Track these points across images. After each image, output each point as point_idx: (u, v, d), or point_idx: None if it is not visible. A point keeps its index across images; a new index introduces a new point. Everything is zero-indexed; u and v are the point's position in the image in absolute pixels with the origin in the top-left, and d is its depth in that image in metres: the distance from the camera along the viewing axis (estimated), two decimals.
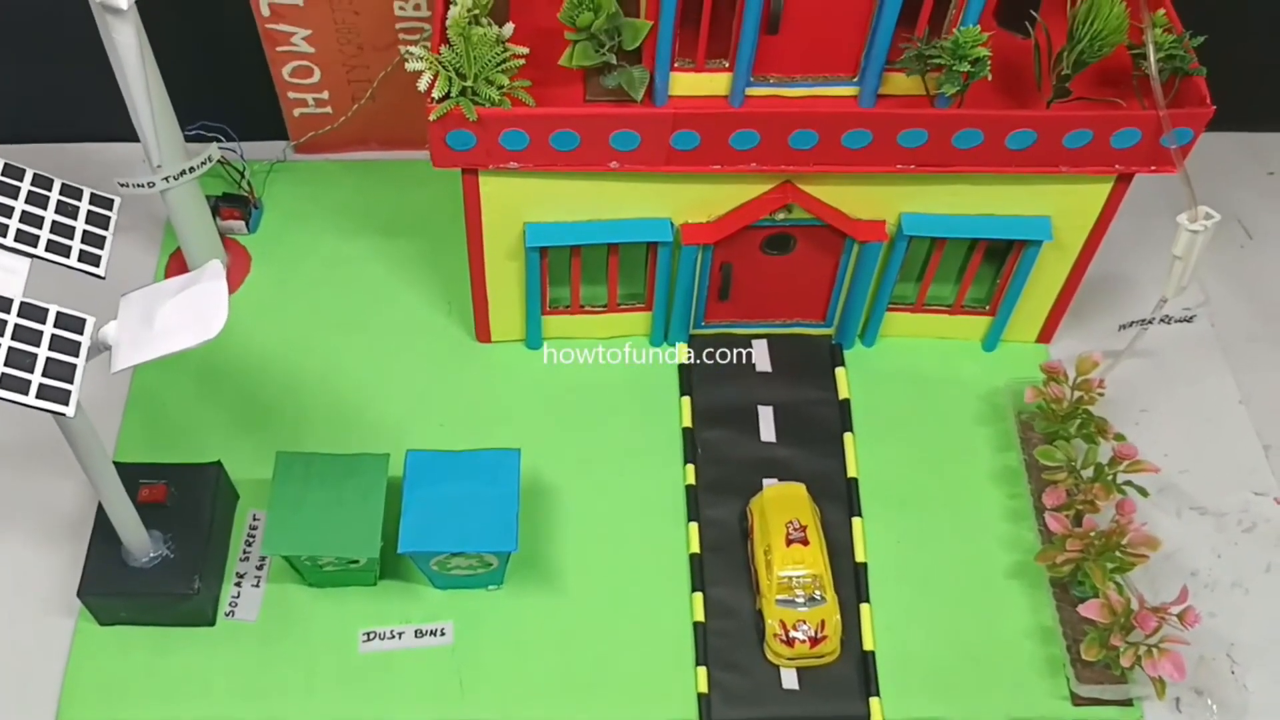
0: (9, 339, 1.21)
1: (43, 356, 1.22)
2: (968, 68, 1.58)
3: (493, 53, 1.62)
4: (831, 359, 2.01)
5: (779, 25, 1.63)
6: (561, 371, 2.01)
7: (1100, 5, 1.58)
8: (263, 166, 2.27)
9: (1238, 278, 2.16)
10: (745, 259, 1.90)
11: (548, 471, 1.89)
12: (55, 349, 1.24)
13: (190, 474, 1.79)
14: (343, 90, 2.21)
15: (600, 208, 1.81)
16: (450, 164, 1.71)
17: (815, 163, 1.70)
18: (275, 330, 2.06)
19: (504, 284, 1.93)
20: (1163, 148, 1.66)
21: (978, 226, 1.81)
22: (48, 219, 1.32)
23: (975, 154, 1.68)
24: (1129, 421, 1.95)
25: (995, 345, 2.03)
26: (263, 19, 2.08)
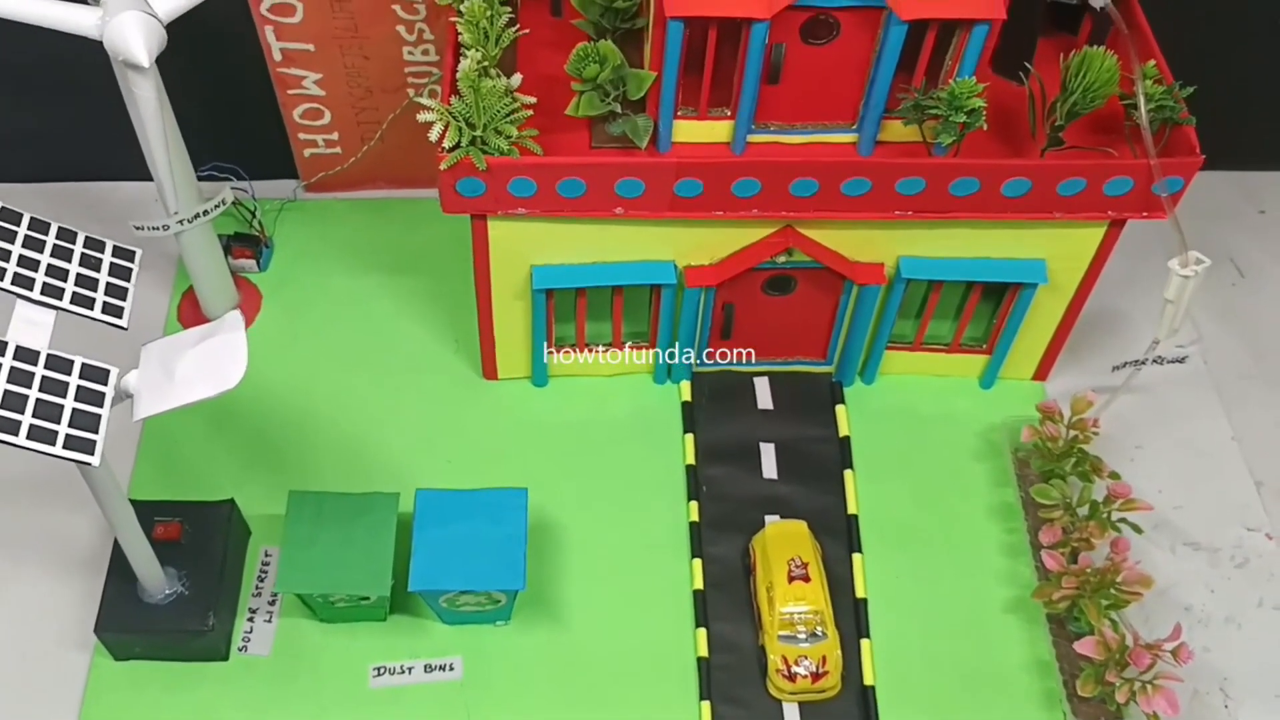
0: (37, 390, 1.25)
1: (69, 407, 1.26)
2: (964, 118, 1.63)
3: (501, 103, 1.67)
4: (832, 396, 2.05)
5: (779, 76, 1.68)
6: (567, 409, 2.05)
7: (1091, 58, 1.63)
8: (274, 205, 2.31)
9: (1230, 316, 2.20)
10: (747, 299, 1.94)
11: (553, 508, 1.93)
12: (81, 400, 1.28)
13: (204, 511, 1.83)
14: (352, 131, 2.26)
15: (605, 250, 1.85)
16: (460, 210, 1.75)
17: (815, 209, 1.75)
18: (286, 367, 2.10)
19: (510, 323, 1.97)
20: (1154, 195, 1.70)
21: (974, 270, 1.86)
22: (72, 272, 1.36)
23: (972, 201, 1.72)
24: (1124, 458, 1.99)
25: (992, 383, 2.07)
26: (274, 63, 2.12)
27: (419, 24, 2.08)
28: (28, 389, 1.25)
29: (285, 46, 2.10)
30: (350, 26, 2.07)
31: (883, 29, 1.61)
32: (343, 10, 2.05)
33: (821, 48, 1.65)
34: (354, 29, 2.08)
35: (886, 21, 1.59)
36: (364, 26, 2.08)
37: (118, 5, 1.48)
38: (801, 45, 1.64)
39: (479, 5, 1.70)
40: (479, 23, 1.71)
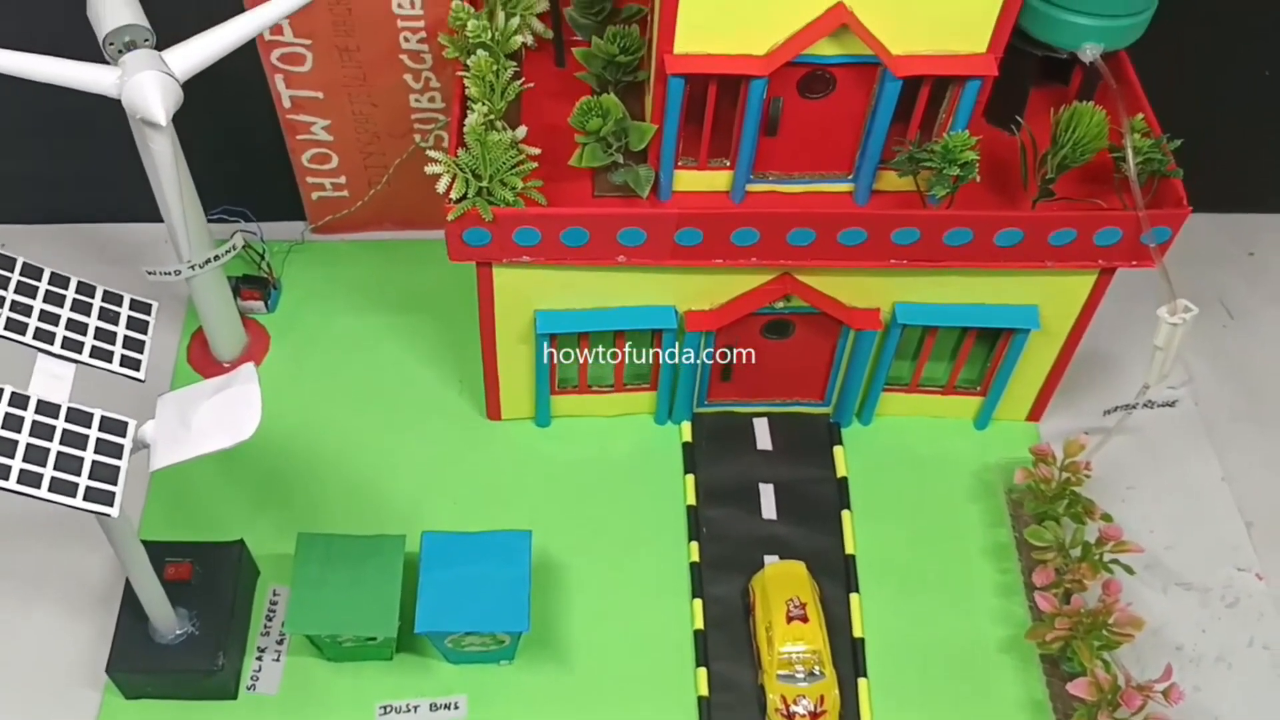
0: (58, 444, 1.29)
1: (89, 460, 1.30)
2: (957, 171, 1.67)
3: (507, 156, 1.71)
4: (830, 438, 2.09)
5: (777, 128, 1.72)
6: (570, 449, 2.09)
7: (1081, 113, 1.67)
8: (282, 247, 2.36)
9: (1220, 357, 2.25)
10: (747, 343, 1.98)
11: (557, 548, 1.96)
12: (100, 452, 1.31)
13: (214, 552, 1.86)
14: (359, 175, 2.30)
15: (607, 296, 1.89)
16: (466, 258, 1.79)
17: (813, 258, 1.79)
18: (293, 408, 2.14)
19: (514, 366, 2.01)
20: (1143, 244, 1.74)
21: (968, 315, 1.90)
22: (91, 325, 1.40)
23: (965, 251, 1.77)
24: (1116, 499, 2.03)
25: (987, 424, 2.11)
26: (284, 110, 2.17)
27: (425, 73, 2.13)
28: (49, 442, 1.29)
29: (295, 94, 2.15)
30: (358, 75, 2.12)
31: (878, 84, 1.66)
32: (351, 60, 2.10)
33: (818, 101, 1.69)
34: (362, 78, 2.13)
35: (881, 77, 1.64)
36: (372, 75, 2.12)
37: (135, 65, 1.52)
38: (799, 99, 1.69)
39: (485, 60, 1.75)
40: (485, 77, 1.75)
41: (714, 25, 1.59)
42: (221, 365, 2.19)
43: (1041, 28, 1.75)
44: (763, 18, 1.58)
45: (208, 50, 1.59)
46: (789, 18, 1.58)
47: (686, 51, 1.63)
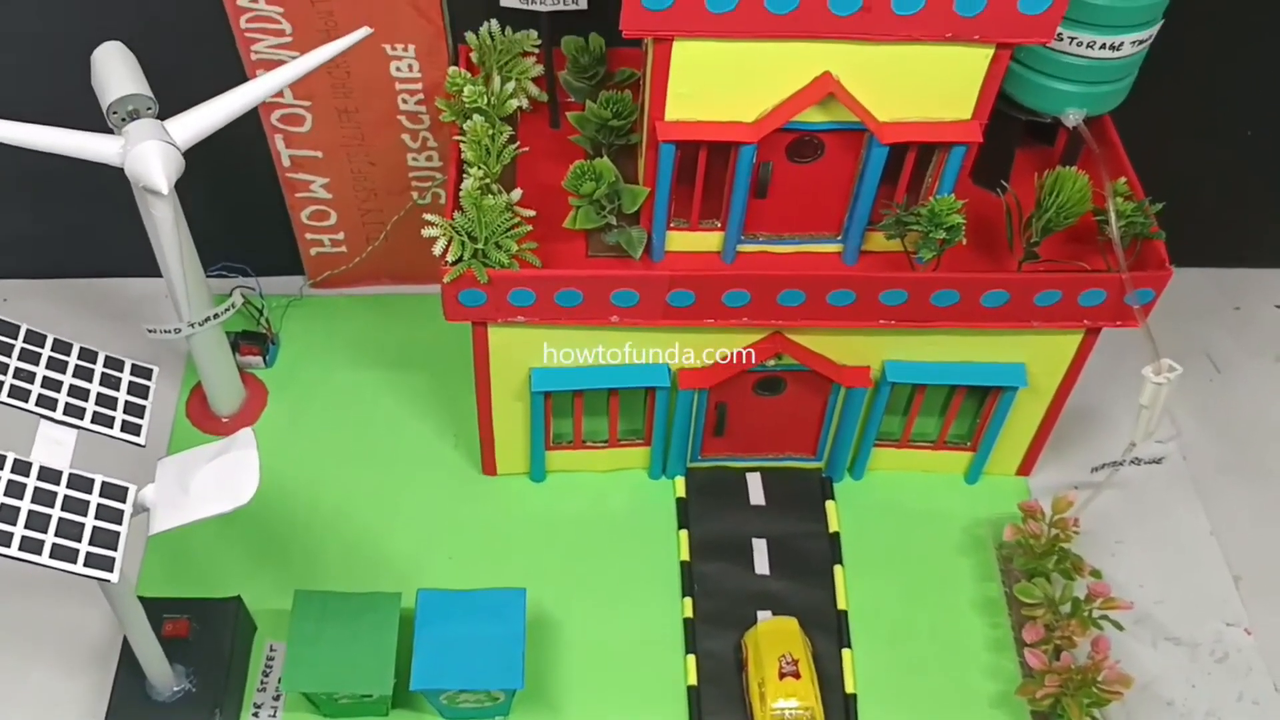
0: (59, 510, 1.31)
1: (89, 525, 1.32)
2: (943, 235, 1.70)
3: (502, 219, 1.74)
4: (822, 492, 2.11)
5: (767, 191, 1.76)
6: (564, 504, 2.11)
7: (1064, 179, 1.71)
8: (280, 302, 2.39)
9: (1207, 411, 2.27)
10: (739, 399, 2.01)
11: (551, 603, 1.98)
12: (101, 517, 1.34)
13: (211, 609, 1.88)
14: (358, 231, 2.34)
15: (601, 354, 1.92)
16: (462, 318, 1.82)
17: (803, 318, 1.82)
18: (291, 463, 2.16)
19: (509, 422, 2.03)
20: (1127, 305, 1.77)
21: (957, 373, 1.93)
22: (93, 391, 1.43)
23: (952, 311, 1.80)
24: (1105, 553, 2.05)
25: (977, 478, 2.13)
26: (283, 169, 2.21)
27: (423, 133, 2.17)
28: (50, 508, 1.31)
29: (294, 154, 2.18)
30: (357, 135, 2.16)
31: (865, 150, 1.69)
32: (350, 121, 2.13)
33: (807, 165, 1.73)
34: (360, 138, 2.16)
35: (868, 143, 1.68)
36: (370, 135, 2.16)
37: (138, 135, 1.56)
38: (788, 163, 1.73)
39: (481, 125, 1.79)
40: (481, 141, 1.79)
41: (703, 94, 1.63)
42: (220, 420, 2.22)
43: (1026, 93, 1.79)
44: (751, 86, 1.62)
45: (209, 120, 1.62)
46: (777, 86, 1.62)
47: (677, 119, 1.66)
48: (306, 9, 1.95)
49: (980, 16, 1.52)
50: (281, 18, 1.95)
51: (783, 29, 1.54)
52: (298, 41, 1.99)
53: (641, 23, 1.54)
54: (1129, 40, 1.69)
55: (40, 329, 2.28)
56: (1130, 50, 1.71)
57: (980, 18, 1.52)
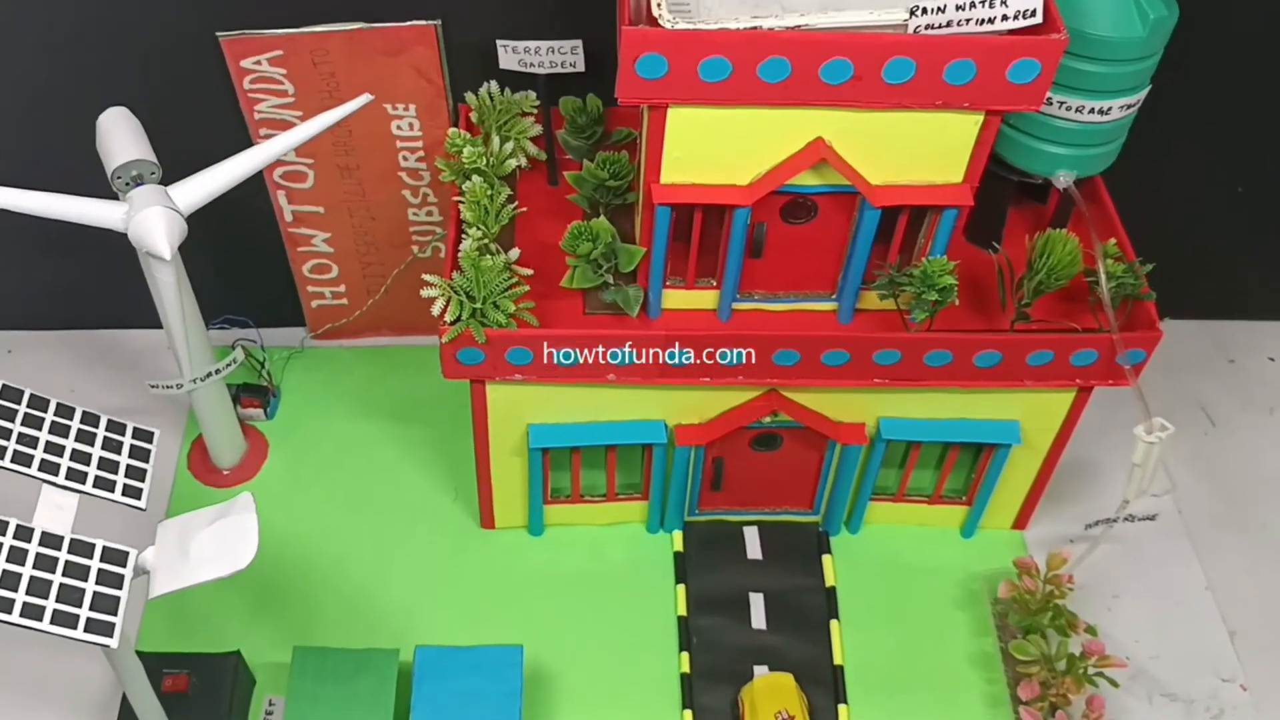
0: (60, 575, 1.33)
1: (90, 591, 1.34)
2: (936, 296, 1.72)
3: (500, 279, 1.77)
4: (819, 546, 2.12)
5: (762, 251, 1.78)
6: (562, 558, 2.12)
7: (1054, 241, 1.73)
8: (281, 354, 2.41)
9: (1202, 464, 2.28)
10: (736, 454, 2.02)
11: (548, 657, 1.98)
12: (101, 582, 1.35)
13: (211, 663, 1.88)
14: (358, 284, 2.36)
15: (599, 410, 1.94)
16: (460, 376, 1.84)
17: (798, 377, 1.84)
18: (291, 516, 2.17)
19: (508, 477, 2.05)
20: (1119, 365, 1.79)
21: (951, 430, 1.94)
22: (95, 455, 1.45)
23: (945, 370, 1.82)
24: (1101, 608, 2.05)
25: (973, 532, 2.15)
26: (285, 224, 2.24)
27: (423, 188, 2.20)
28: (52, 574, 1.32)
29: (296, 209, 2.21)
30: (358, 191, 2.19)
31: (858, 212, 1.72)
32: (351, 177, 2.16)
33: (801, 226, 1.75)
34: (362, 193, 2.19)
35: (861, 206, 1.70)
36: (371, 191, 2.19)
37: (142, 201, 1.59)
38: (782, 224, 1.75)
39: (480, 186, 1.82)
40: (480, 201, 1.82)
41: (698, 158, 1.66)
42: (221, 472, 2.23)
43: (1017, 155, 1.81)
44: (745, 151, 1.65)
45: (212, 185, 1.65)
46: (770, 151, 1.65)
47: (673, 182, 1.69)
48: (309, 71, 1.98)
49: (969, 85, 1.55)
50: (284, 79, 1.99)
51: (775, 97, 1.56)
52: (300, 102, 2.02)
53: (637, 91, 1.57)
54: (1117, 105, 1.72)
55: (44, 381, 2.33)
56: (1119, 114, 1.74)
57: (969, 86, 1.55)
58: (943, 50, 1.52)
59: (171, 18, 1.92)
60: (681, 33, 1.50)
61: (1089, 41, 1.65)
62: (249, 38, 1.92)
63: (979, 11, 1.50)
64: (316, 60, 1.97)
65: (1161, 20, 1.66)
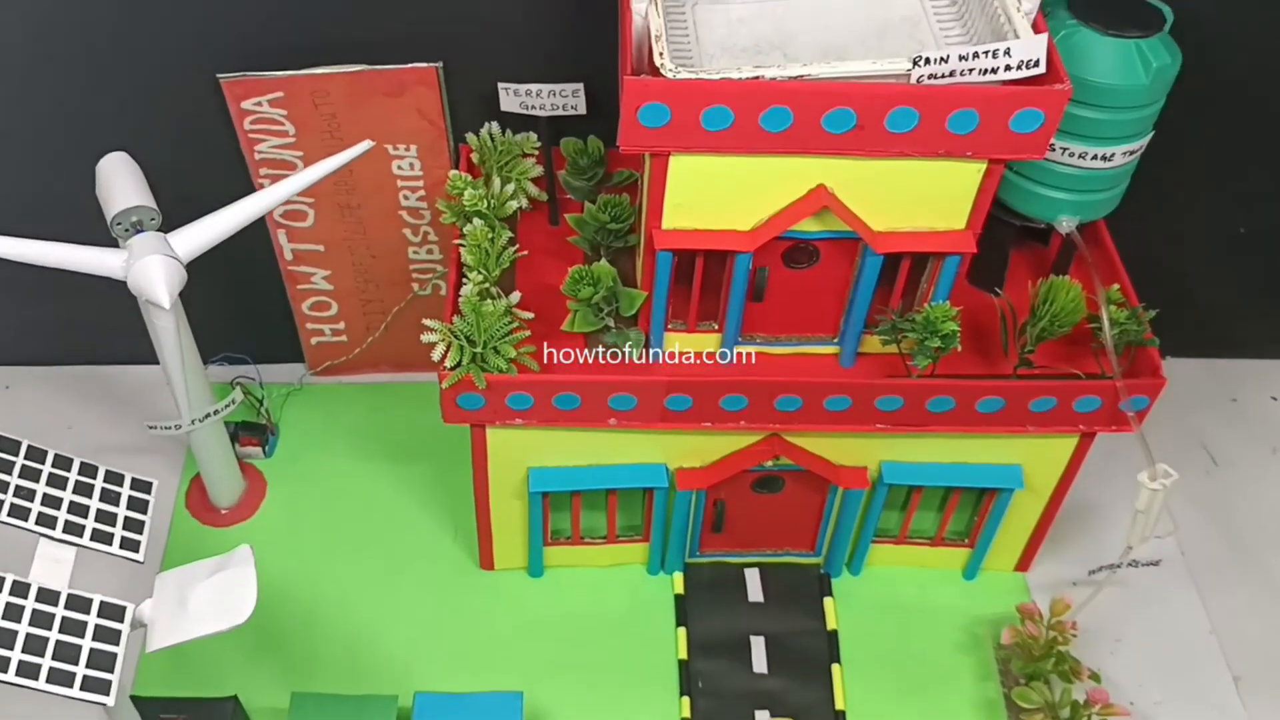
0: (57, 632, 1.31)
1: (86, 648, 1.32)
2: (938, 343, 1.71)
3: (500, 323, 1.76)
4: (820, 589, 2.11)
5: (763, 295, 1.78)
6: (562, 600, 2.10)
7: (1057, 288, 1.73)
8: (280, 390, 2.40)
9: (1205, 505, 2.27)
10: (737, 497, 2.01)
11: (549, 701, 1.97)
12: (98, 639, 1.34)
13: (208, 708, 1.87)
14: (358, 321, 2.35)
15: (599, 454, 1.93)
16: (460, 421, 1.83)
17: (800, 422, 1.83)
18: (289, 556, 2.16)
19: (508, 519, 2.04)
20: (1122, 411, 1.78)
21: (953, 475, 1.93)
22: (92, 508, 1.44)
23: (948, 416, 1.81)
24: (1104, 651, 2.04)
25: (975, 574, 2.13)
26: (285, 262, 2.23)
27: (424, 227, 2.19)
28: (48, 631, 1.31)
29: (296, 247, 2.20)
30: (359, 230, 2.18)
31: (860, 258, 1.71)
32: (352, 216, 2.16)
33: (803, 271, 1.75)
34: (362, 232, 2.19)
35: (863, 252, 1.70)
36: (372, 230, 2.19)
37: (142, 249, 1.58)
38: (784, 268, 1.74)
39: (481, 230, 1.81)
40: (481, 244, 1.81)
41: (700, 204, 1.65)
42: (219, 511, 2.22)
43: (1019, 200, 1.81)
44: (747, 198, 1.64)
45: (212, 233, 1.65)
46: (772, 198, 1.64)
47: (674, 227, 1.68)
48: (310, 112, 1.98)
49: (973, 134, 1.54)
50: (285, 120, 1.98)
51: (777, 145, 1.56)
52: (301, 142, 2.02)
53: (638, 139, 1.56)
54: (1120, 151, 1.72)
55: (42, 417, 2.34)
56: (1122, 160, 1.73)
57: (972, 135, 1.54)
58: (946, 100, 1.51)
59: (172, 59, 1.92)
60: (684, 82, 1.50)
61: (1092, 89, 1.65)
62: (250, 79, 1.92)
63: (982, 62, 1.50)
64: (318, 101, 1.96)
65: (1165, 68, 1.65)
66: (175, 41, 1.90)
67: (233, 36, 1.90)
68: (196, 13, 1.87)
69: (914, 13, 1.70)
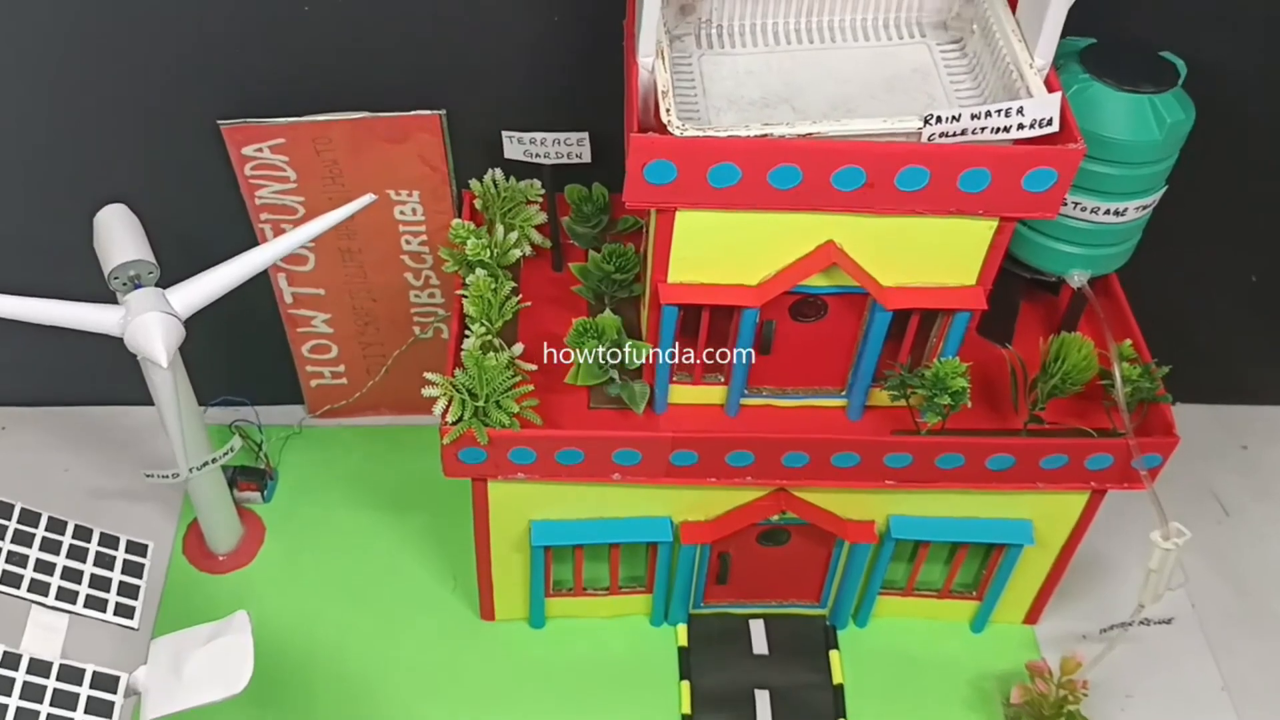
0: (48, 706, 1.28)
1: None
2: (948, 400, 1.69)
3: (503, 377, 1.73)
4: (825, 641, 2.07)
5: (770, 348, 1.75)
6: (564, 652, 2.07)
7: (1069, 346, 1.70)
8: (280, 433, 2.37)
9: (1216, 555, 2.24)
10: (742, 549, 1.98)
11: None
12: (90, 711, 1.31)
13: None
14: (358, 364, 2.33)
15: (603, 507, 1.90)
16: (461, 475, 1.80)
17: (807, 478, 1.80)
18: (288, 604, 2.13)
19: (509, 571, 2.01)
20: (1134, 469, 1.76)
21: (963, 530, 1.90)
22: (86, 573, 1.41)
23: (957, 473, 1.78)
24: (1115, 708, 2.01)
25: (983, 627, 2.10)
26: (285, 305, 2.20)
27: (426, 271, 2.17)
28: (39, 704, 1.28)
29: (297, 291, 2.18)
30: (360, 274, 2.16)
31: (868, 313, 1.69)
32: (353, 260, 2.13)
33: (811, 325, 1.72)
34: (363, 276, 2.16)
35: (872, 307, 1.67)
36: (373, 274, 2.16)
37: (139, 306, 1.55)
38: (791, 322, 1.72)
39: (484, 281, 1.79)
40: (484, 295, 1.79)
41: (706, 258, 1.63)
42: (217, 558, 2.19)
43: (1030, 253, 1.78)
44: (754, 253, 1.62)
45: (211, 289, 1.62)
46: (780, 253, 1.62)
47: (680, 281, 1.66)
48: (312, 158, 1.95)
49: (984, 193, 1.52)
50: (286, 166, 1.96)
51: (786, 203, 1.53)
52: (302, 188, 2.00)
53: (645, 196, 1.54)
54: (1133, 206, 1.69)
55: (37, 460, 2.31)
56: (1135, 215, 1.71)
57: (984, 194, 1.52)
58: (957, 159, 1.49)
59: (173, 105, 1.90)
60: (691, 140, 1.48)
61: (1105, 144, 1.63)
62: (251, 126, 1.90)
63: (994, 120, 1.47)
64: (319, 148, 1.94)
65: (1179, 124, 1.63)
66: (176, 87, 1.88)
67: (233, 83, 1.88)
68: (197, 59, 1.85)
69: (924, 65, 1.68)
